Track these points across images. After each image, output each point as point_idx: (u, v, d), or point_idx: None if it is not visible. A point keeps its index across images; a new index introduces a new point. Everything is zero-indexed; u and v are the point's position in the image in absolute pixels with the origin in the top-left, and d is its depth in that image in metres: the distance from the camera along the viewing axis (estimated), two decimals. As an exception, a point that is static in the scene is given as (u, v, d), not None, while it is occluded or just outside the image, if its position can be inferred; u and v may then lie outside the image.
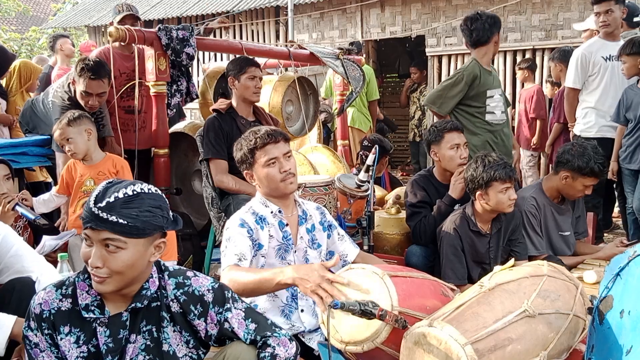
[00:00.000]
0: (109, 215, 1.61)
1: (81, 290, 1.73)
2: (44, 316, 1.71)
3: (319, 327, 2.31)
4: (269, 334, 1.77)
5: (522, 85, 6.72)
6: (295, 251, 2.48)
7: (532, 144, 6.11)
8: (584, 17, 6.93)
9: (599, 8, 4.38)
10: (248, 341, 1.77)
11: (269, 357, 1.72)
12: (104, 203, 1.62)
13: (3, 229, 2.39)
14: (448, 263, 3.01)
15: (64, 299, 1.72)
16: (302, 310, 2.45)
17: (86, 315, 1.71)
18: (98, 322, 1.73)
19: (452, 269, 2.99)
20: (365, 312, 1.83)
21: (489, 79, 4.02)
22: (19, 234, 3.00)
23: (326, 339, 1.92)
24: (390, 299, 1.94)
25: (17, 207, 2.95)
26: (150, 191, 1.70)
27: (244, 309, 1.81)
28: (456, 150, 3.32)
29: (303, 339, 2.41)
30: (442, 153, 3.35)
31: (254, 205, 2.48)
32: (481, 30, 3.96)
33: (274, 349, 1.73)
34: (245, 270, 2.20)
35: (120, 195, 1.64)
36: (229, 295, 1.81)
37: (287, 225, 2.47)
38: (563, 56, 5.33)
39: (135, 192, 1.66)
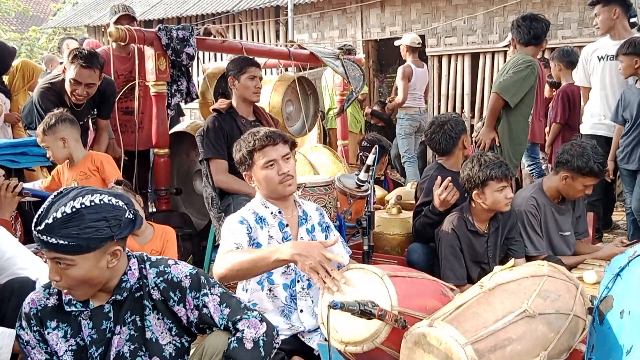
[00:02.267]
0: (49, 238, 1.62)
1: None
2: (32, 314, 1.79)
3: (319, 327, 2.30)
4: (239, 317, 1.81)
5: None
6: (296, 252, 2.47)
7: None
8: (584, 17, 6.93)
9: (593, 12, 4.54)
10: (222, 327, 1.82)
11: (235, 342, 1.76)
12: (42, 226, 1.63)
13: None
14: (447, 264, 3.01)
15: (50, 297, 1.81)
16: (301, 311, 2.45)
17: (69, 309, 1.78)
18: (82, 315, 1.80)
19: (451, 269, 2.99)
20: (364, 312, 1.83)
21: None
22: (11, 225, 2.98)
23: (326, 339, 1.92)
24: (389, 298, 1.94)
25: (26, 189, 2.90)
26: (92, 204, 1.67)
27: (219, 294, 1.85)
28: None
29: (303, 339, 2.41)
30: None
31: (254, 206, 2.48)
32: (539, 30, 4.03)
33: (243, 332, 1.77)
34: (240, 251, 2.20)
35: (59, 215, 1.63)
36: (205, 280, 1.85)
37: (287, 226, 2.47)
38: (563, 56, 5.32)
39: (74, 210, 1.64)
